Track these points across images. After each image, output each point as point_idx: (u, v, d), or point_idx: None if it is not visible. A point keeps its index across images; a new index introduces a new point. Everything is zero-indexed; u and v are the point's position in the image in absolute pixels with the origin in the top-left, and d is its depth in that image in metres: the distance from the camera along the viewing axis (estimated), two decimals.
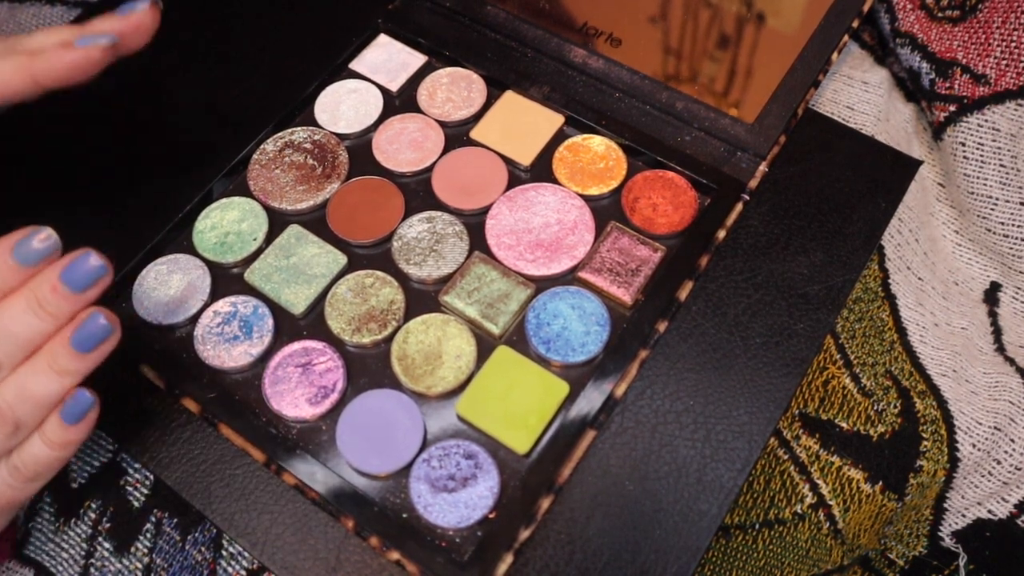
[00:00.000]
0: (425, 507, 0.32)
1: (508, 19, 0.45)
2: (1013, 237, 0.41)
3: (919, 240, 0.42)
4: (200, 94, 0.45)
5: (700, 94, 0.41)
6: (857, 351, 0.38)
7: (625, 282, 0.36)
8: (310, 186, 0.40)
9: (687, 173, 0.39)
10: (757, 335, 0.36)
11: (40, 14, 0.49)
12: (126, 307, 0.38)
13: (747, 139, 0.40)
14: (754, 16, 0.43)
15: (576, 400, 0.34)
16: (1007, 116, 0.41)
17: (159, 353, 0.36)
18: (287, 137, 0.42)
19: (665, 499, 0.32)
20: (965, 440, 0.37)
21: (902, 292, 0.40)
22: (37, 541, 0.35)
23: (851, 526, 0.36)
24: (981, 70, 0.42)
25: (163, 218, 0.39)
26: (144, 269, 0.38)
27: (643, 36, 0.43)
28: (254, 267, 0.38)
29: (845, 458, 0.36)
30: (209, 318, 0.36)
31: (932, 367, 0.39)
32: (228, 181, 0.41)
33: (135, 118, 0.44)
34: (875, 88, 0.44)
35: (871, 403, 0.37)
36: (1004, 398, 0.38)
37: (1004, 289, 0.42)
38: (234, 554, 0.34)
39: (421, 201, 0.40)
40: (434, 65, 0.45)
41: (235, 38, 0.47)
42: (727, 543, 0.36)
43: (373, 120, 0.42)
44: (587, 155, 0.40)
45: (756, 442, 0.33)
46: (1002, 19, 0.42)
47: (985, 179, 0.42)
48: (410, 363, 0.35)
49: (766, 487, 0.36)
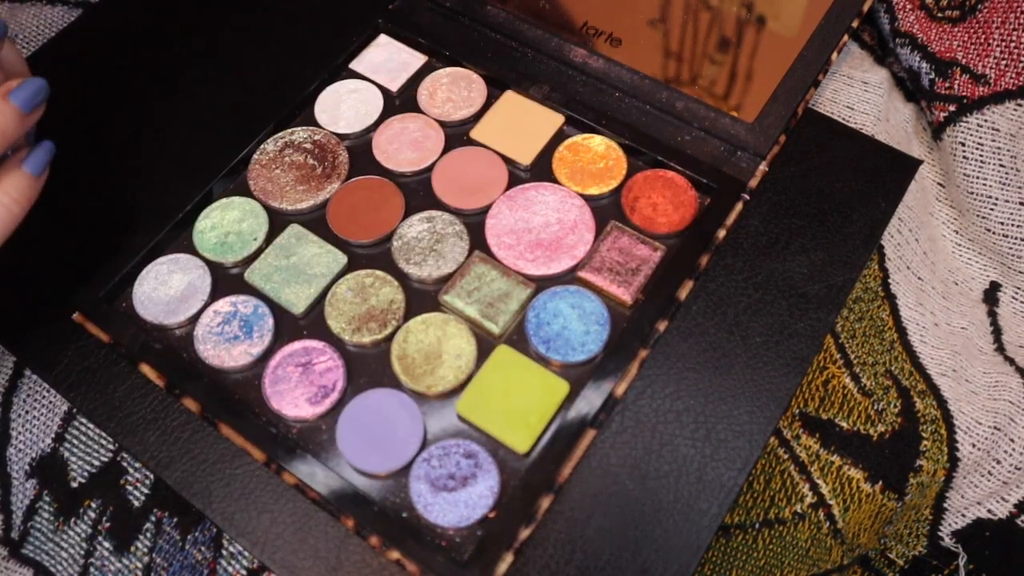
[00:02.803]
0: (425, 506, 0.32)
1: (508, 19, 0.45)
2: (1013, 237, 0.41)
3: (919, 240, 0.42)
4: (200, 94, 0.45)
5: (700, 94, 0.41)
6: (857, 351, 0.38)
7: (625, 281, 0.36)
8: (310, 186, 0.40)
9: (687, 173, 0.39)
10: (757, 334, 0.36)
11: (40, 14, 0.49)
12: (126, 307, 0.38)
13: (747, 139, 0.40)
14: (754, 18, 0.43)
15: (576, 400, 0.34)
16: (1007, 116, 0.41)
17: (159, 353, 0.36)
18: (287, 137, 0.42)
19: (665, 499, 0.32)
20: (965, 440, 0.37)
21: (902, 292, 0.40)
22: (36, 541, 0.35)
23: (851, 526, 0.36)
24: (981, 70, 0.42)
25: (163, 218, 0.39)
26: (144, 269, 0.38)
27: (643, 36, 0.43)
28: (254, 267, 0.38)
29: (845, 458, 0.36)
30: (209, 318, 0.36)
31: (932, 367, 0.39)
32: (228, 181, 0.41)
33: (135, 118, 0.44)
34: (875, 88, 0.44)
35: (871, 403, 0.37)
36: (1004, 398, 0.38)
37: (1004, 289, 0.42)
38: (234, 553, 0.34)
39: (421, 201, 0.40)
40: (434, 65, 0.45)
41: (235, 38, 0.47)
42: (727, 542, 0.36)
43: (373, 120, 0.42)
44: (587, 155, 0.40)
45: (756, 441, 0.33)
46: (1002, 19, 0.42)
47: (985, 179, 0.42)
48: (410, 363, 0.35)
49: (766, 487, 0.36)
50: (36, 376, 0.37)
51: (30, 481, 0.36)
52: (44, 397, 0.37)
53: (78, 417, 0.37)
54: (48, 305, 0.38)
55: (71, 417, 0.37)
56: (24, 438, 0.37)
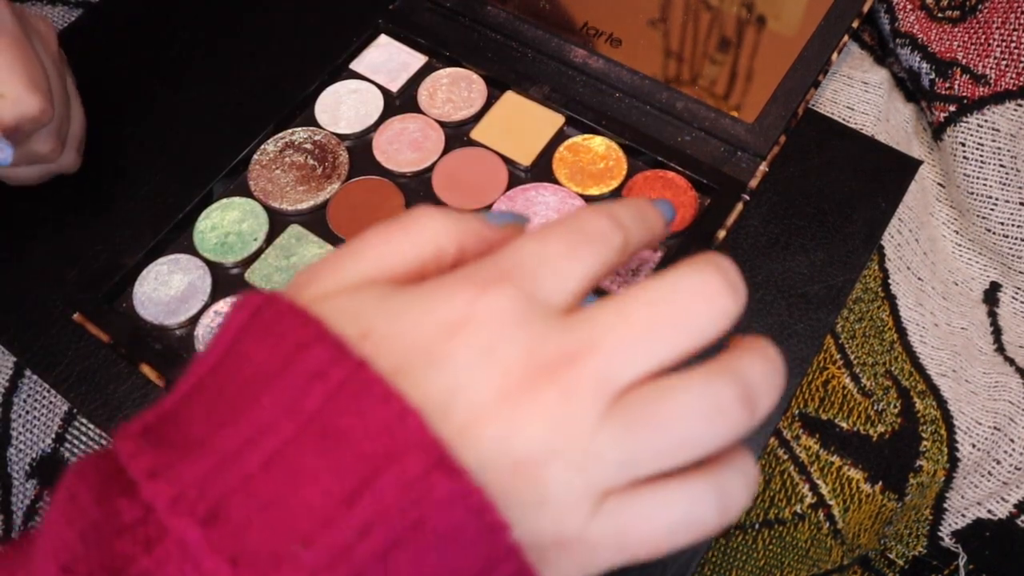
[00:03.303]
0: None
1: (508, 19, 0.45)
2: (1013, 237, 0.41)
3: (919, 240, 0.42)
4: (200, 94, 0.45)
5: (700, 94, 0.41)
6: (857, 351, 0.38)
7: (625, 282, 0.36)
8: (310, 186, 0.40)
9: (687, 173, 0.39)
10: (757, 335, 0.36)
11: (40, 14, 0.49)
12: (127, 307, 0.38)
13: (747, 139, 0.40)
14: (754, 18, 0.43)
15: None
16: (1007, 116, 0.41)
17: (159, 353, 0.36)
18: (287, 137, 0.42)
19: None
20: (965, 440, 0.37)
21: (902, 292, 0.40)
22: None
23: (851, 526, 0.36)
24: (981, 70, 0.42)
25: (164, 218, 0.39)
26: (145, 269, 0.38)
27: (643, 36, 0.43)
28: (254, 267, 0.38)
29: (845, 458, 0.36)
30: (210, 318, 0.37)
31: (932, 367, 0.39)
32: (229, 181, 0.41)
33: (135, 118, 0.44)
34: (875, 88, 0.44)
35: (871, 403, 0.37)
36: (1004, 398, 0.38)
37: (1004, 289, 0.42)
38: None
39: (421, 201, 0.40)
40: (434, 65, 0.45)
41: (235, 38, 0.47)
42: (727, 543, 0.36)
43: (373, 120, 0.42)
44: (587, 155, 0.40)
45: (756, 442, 0.33)
46: (1002, 19, 0.42)
47: (985, 179, 0.42)
48: None
49: (766, 487, 0.36)
50: (36, 376, 0.37)
51: (30, 481, 0.36)
52: (44, 397, 0.37)
53: (78, 417, 0.37)
54: (48, 305, 0.38)
55: (71, 417, 0.37)
56: (24, 438, 0.37)
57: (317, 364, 0.17)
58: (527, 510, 0.18)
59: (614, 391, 0.18)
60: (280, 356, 0.17)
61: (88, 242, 0.40)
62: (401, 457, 0.16)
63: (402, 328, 0.18)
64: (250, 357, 0.18)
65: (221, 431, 0.17)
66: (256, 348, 0.18)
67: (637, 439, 0.18)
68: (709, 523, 0.19)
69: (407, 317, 0.18)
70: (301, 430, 0.17)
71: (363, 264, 0.20)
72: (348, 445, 0.16)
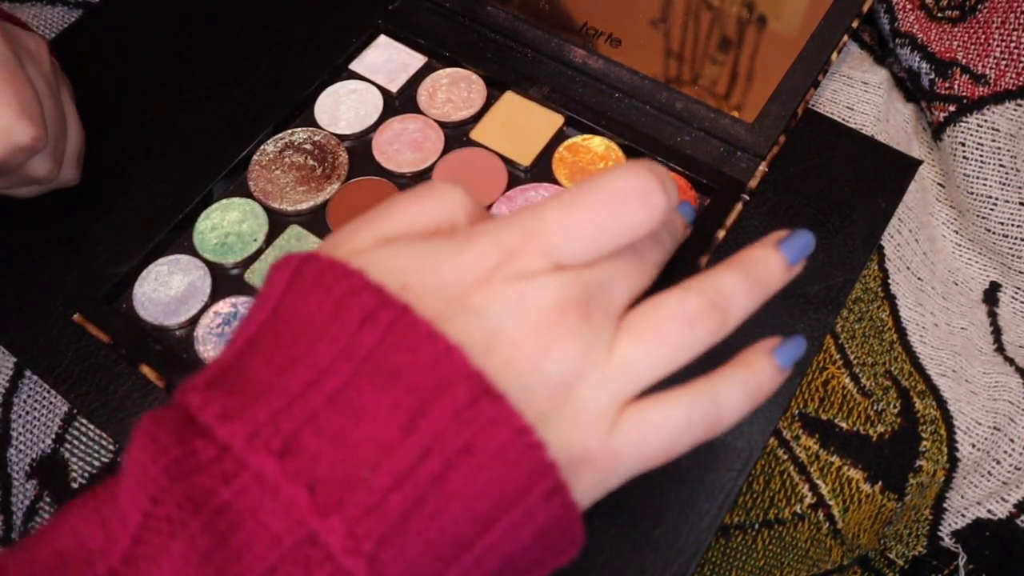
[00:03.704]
0: None
1: (508, 19, 0.45)
2: (1013, 237, 0.41)
3: (919, 240, 0.42)
4: (200, 95, 0.45)
5: (700, 94, 0.41)
6: (857, 351, 0.38)
7: None
8: (310, 187, 0.40)
9: (687, 173, 0.39)
10: (757, 335, 0.36)
11: (40, 14, 0.49)
12: (127, 308, 0.38)
13: (747, 139, 0.40)
14: (754, 18, 0.43)
15: None
16: (1007, 116, 0.41)
17: (159, 353, 0.36)
18: (287, 138, 0.42)
19: (665, 499, 0.32)
20: (965, 440, 0.37)
21: (902, 292, 0.40)
22: None
23: (851, 526, 0.36)
24: (981, 70, 0.42)
25: (163, 219, 0.39)
26: (145, 270, 0.38)
27: (643, 36, 0.43)
28: (254, 268, 0.38)
29: (845, 458, 0.36)
30: (209, 319, 0.37)
31: (932, 367, 0.39)
32: (228, 182, 0.41)
33: (135, 119, 0.44)
34: (875, 88, 0.44)
35: (871, 403, 0.37)
36: (1004, 398, 0.38)
37: (1004, 289, 0.42)
38: None
39: None
40: (434, 66, 0.45)
41: (235, 38, 0.47)
42: (727, 543, 0.36)
43: (373, 121, 0.42)
44: (587, 155, 0.40)
45: (756, 442, 0.33)
46: (1002, 19, 0.42)
47: (985, 179, 0.42)
48: None
49: (766, 487, 0.36)
50: (36, 377, 0.37)
51: (30, 482, 0.36)
52: (44, 398, 0.37)
53: (78, 418, 0.37)
54: (48, 305, 0.38)
55: (71, 418, 0.37)
56: (24, 439, 0.37)
57: (366, 309, 0.19)
58: (561, 428, 0.20)
59: (617, 313, 0.22)
60: (329, 305, 0.19)
61: (88, 243, 0.40)
62: (450, 388, 0.18)
63: (440, 281, 0.20)
64: (299, 310, 0.20)
65: (284, 376, 0.19)
66: (303, 301, 0.20)
67: (647, 348, 0.21)
68: (706, 427, 0.22)
69: (444, 271, 0.20)
70: (357, 370, 0.18)
71: (392, 222, 0.22)
72: (401, 380, 0.18)
